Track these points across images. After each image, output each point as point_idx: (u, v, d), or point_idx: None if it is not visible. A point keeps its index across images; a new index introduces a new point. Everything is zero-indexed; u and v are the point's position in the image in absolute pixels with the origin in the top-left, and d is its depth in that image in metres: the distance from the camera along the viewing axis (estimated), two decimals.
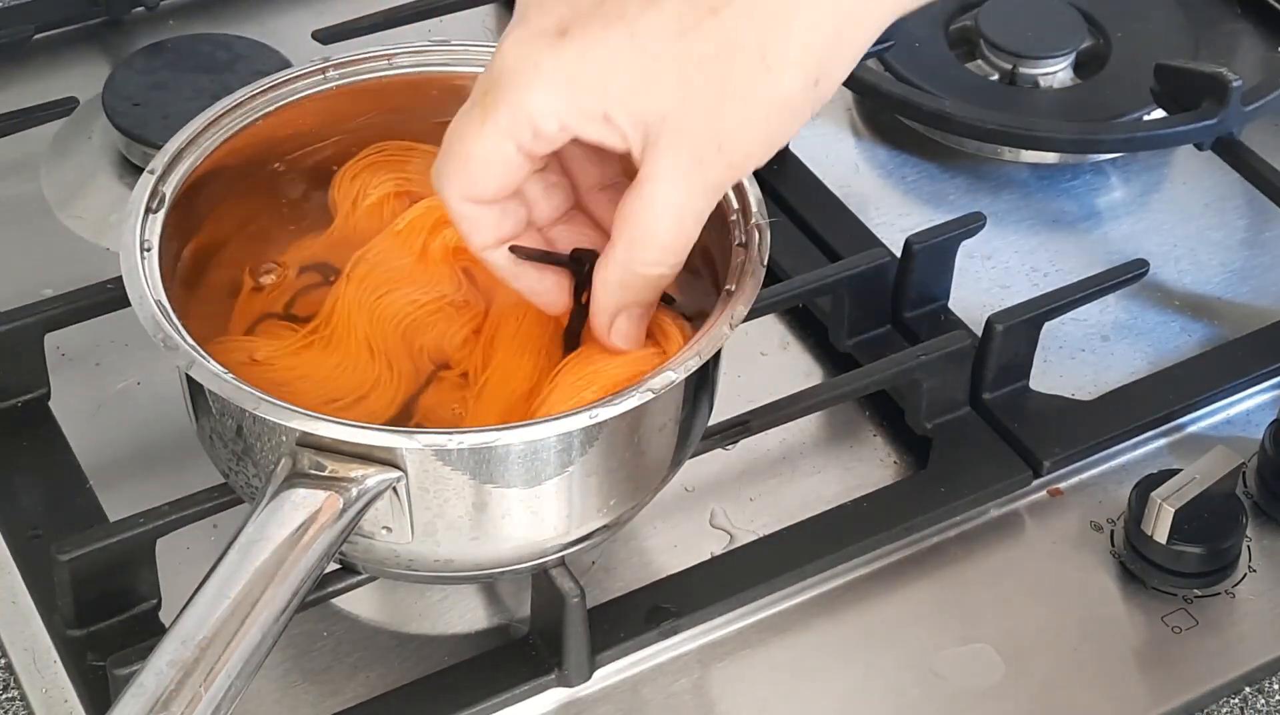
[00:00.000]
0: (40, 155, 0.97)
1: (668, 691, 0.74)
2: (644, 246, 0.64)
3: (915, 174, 0.99)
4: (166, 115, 0.94)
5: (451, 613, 0.77)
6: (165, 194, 0.72)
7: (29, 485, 0.79)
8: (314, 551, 0.63)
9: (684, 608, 0.75)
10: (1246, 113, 0.94)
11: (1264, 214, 0.97)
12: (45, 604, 0.75)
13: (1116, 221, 0.97)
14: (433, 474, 0.65)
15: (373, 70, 0.77)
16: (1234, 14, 1.08)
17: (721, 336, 0.67)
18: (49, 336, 0.82)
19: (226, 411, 0.67)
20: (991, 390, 0.84)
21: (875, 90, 0.97)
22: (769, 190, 0.86)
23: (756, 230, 0.71)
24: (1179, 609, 0.78)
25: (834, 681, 0.75)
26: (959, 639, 0.76)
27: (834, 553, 0.78)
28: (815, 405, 0.82)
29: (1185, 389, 0.86)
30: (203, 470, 0.74)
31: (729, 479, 0.82)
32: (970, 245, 0.89)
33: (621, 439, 0.67)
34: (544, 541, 0.69)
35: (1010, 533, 0.81)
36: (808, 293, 0.86)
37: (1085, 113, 0.99)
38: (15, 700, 0.73)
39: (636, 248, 0.64)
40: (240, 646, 0.60)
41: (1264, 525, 0.81)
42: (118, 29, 1.05)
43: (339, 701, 0.73)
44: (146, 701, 0.58)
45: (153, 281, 0.68)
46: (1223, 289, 0.93)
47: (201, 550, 0.77)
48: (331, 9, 1.05)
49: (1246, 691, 0.76)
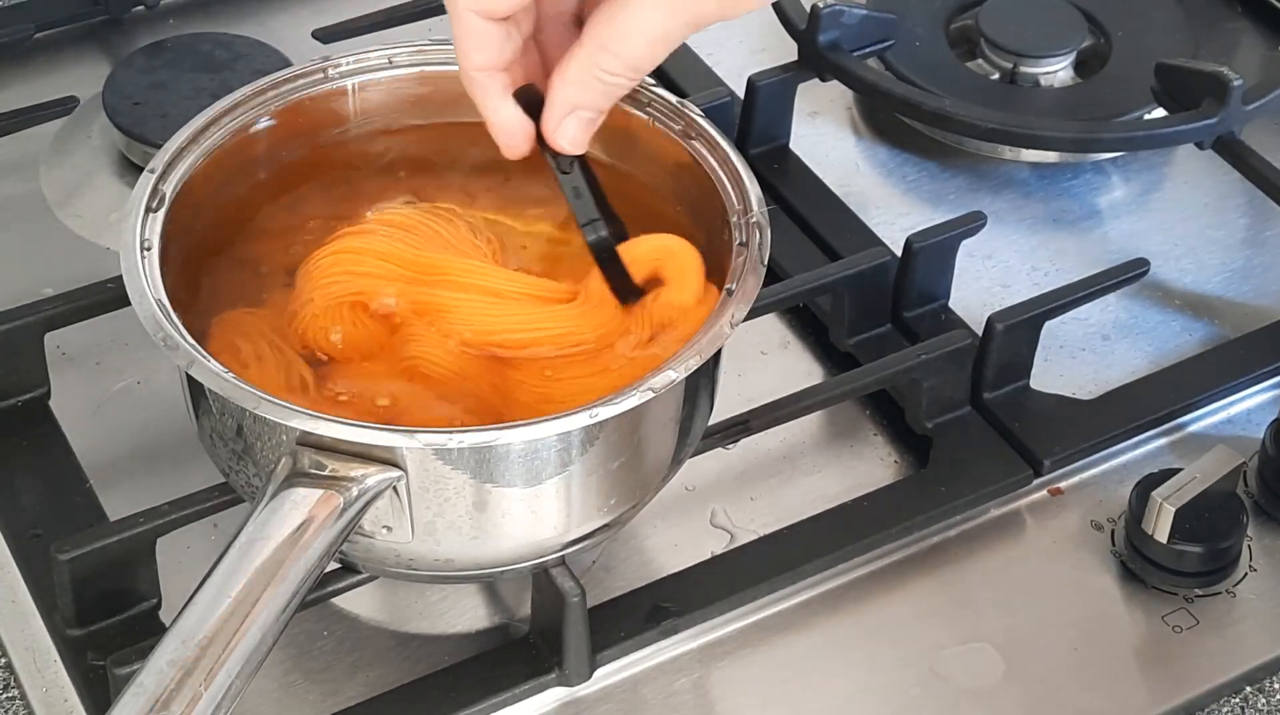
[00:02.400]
0: (40, 155, 0.97)
1: (668, 691, 0.74)
2: (612, 55, 0.65)
3: (916, 173, 0.99)
4: (166, 115, 0.94)
5: (451, 612, 0.77)
6: (165, 193, 0.72)
7: (29, 485, 0.79)
8: (314, 551, 0.63)
9: (684, 607, 0.75)
10: (1247, 112, 0.94)
11: (1264, 213, 0.97)
12: (45, 603, 0.75)
13: (1117, 220, 0.97)
14: (433, 473, 0.65)
15: (373, 69, 0.77)
16: (1234, 13, 1.08)
17: (722, 336, 0.67)
18: (49, 336, 0.82)
19: (227, 411, 0.67)
20: (992, 389, 0.84)
21: (876, 89, 0.97)
22: (769, 189, 0.87)
23: (757, 229, 0.71)
24: (1179, 608, 0.78)
25: (834, 681, 0.75)
26: (959, 639, 0.76)
27: (834, 552, 0.78)
28: (815, 405, 0.82)
29: (1186, 388, 0.86)
30: (203, 470, 0.74)
31: (729, 478, 0.82)
32: (971, 244, 0.89)
33: (622, 438, 0.67)
34: (544, 541, 0.69)
35: (1010, 532, 0.81)
36: (808, 292, 0.86)
37: (1086, 112, 0.98)
38: (15, 700, 0.73)
39: (604, 54, 0.64)
40: (240, 646, 0.60)
41: (1264, 524, 0.81)
42: (118, 28, 1.05)
43: (339, 701, 0.73)
44: (146, 701, 0.58)
45: (153, 281, 0.68)
46: (1223, 288, 0.93)
47: (201, 550, 0.77)
48: (331, 8, 1.05)
49: (1247, 691, 0.76)
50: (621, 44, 0.64)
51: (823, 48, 0.97)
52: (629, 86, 0.67)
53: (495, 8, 0.65)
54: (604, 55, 0.65)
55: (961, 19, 1.04)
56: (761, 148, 0.97)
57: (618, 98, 0.67)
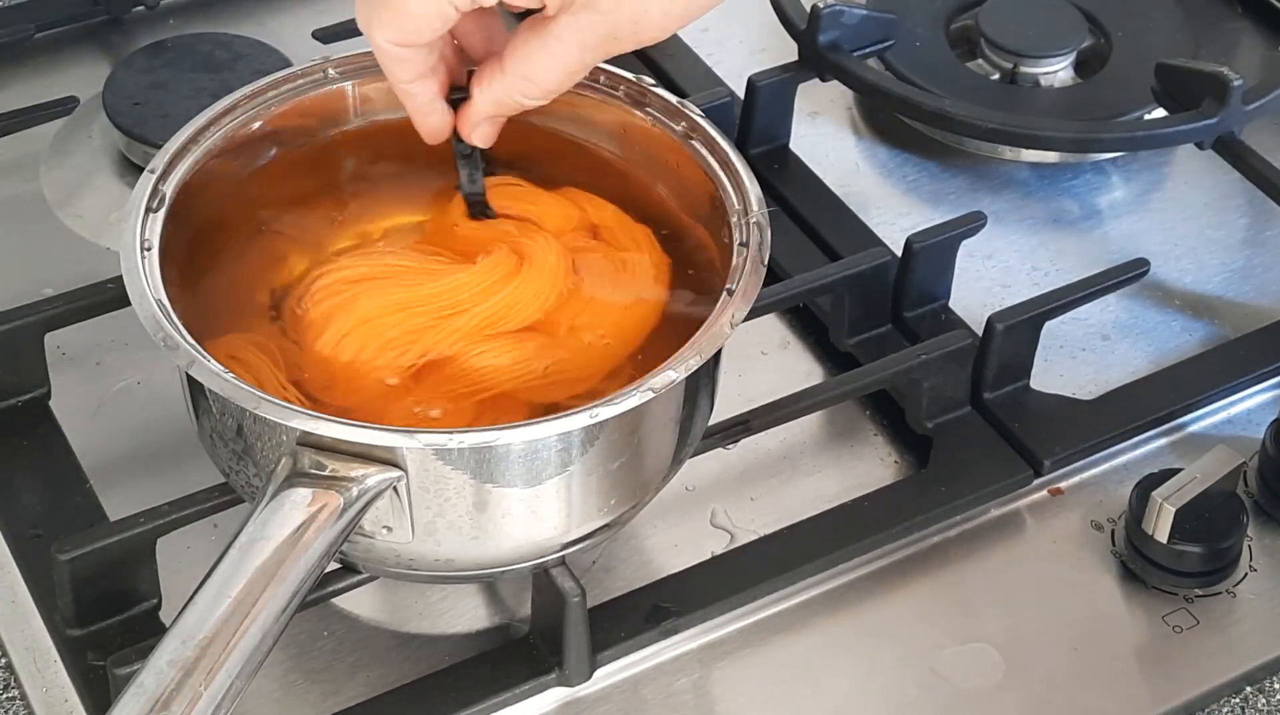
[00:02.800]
0: (40, 155, 0.97)
1: (668, 691, 0.74)
2: (532, 84, 0.71)
3: (916, 173, 0.99)
4: (166, 115, 0.94)
5: (451, 613, 0.77)
6: (165, 194, 0.72)
7: (29, 485, 0.79)
8: (314, 551, 0.63)
9: (684, 607, 0.75)
10: (1247, 112, 0.94)
11: (1264, 213, 0.97)
12: (45, 604, 0.75)
13: (1117, 221, 0.97)
14: (433, 473, 0.65)
15: (372, 69, 0.77)
16: (1234, 13, 1.08)
17: (722, 336, 0.67)
18: (49, 336, 0.82)
19: (227, 411, 0.67)
20: (992, 390, 0.84)
21: (876, 89, 0.97)
22: (769, 189, 0.86)
23: (757, 229, 0.71)
24: (1179, 608, 0.78)
25: (834, 681, 0.75)
26: (959, 639, 0.76)
27: (834, 552, 0.78)
28: (815, 405, 0.82)
29: (1186, 388, 0.86)
30: (203, 470, 0.74)
31: (729, 478, 0.82)
32: (971, 244, 0.89)
33: (622, 438, 0.67)
34: (544, 541, 0.69)
35: (1010, 532, 0.81)
36: (808, 292, 0.86)
37: (1086, 112, 0.98)
38: (15, 700, 0.73)
39: (524, 83, 0.71)
40: (240, 646, 0.60)
41: (1265, 524, 0.81)
42: (118, 28, 1.05)
43: (339, 701, 0.73)
44: (146, 701, 0.58)
45: (153, 281, 0.68)
46: (1223, 288, 0.93)
47: (201, 550, 0.77)
48: (331, 8, 1.05)
49: (1247, 691, 0.76)
50: (541, 77, 0.71)
51: (823, 48, 0.97)
52: (541, 104, 0.73)
53: (412, 41, 0.70)
54: (525, 84, 0.71)
55: (961, 19, 1.04)
56: (761, 148, 0.97)
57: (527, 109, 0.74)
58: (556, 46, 0.69)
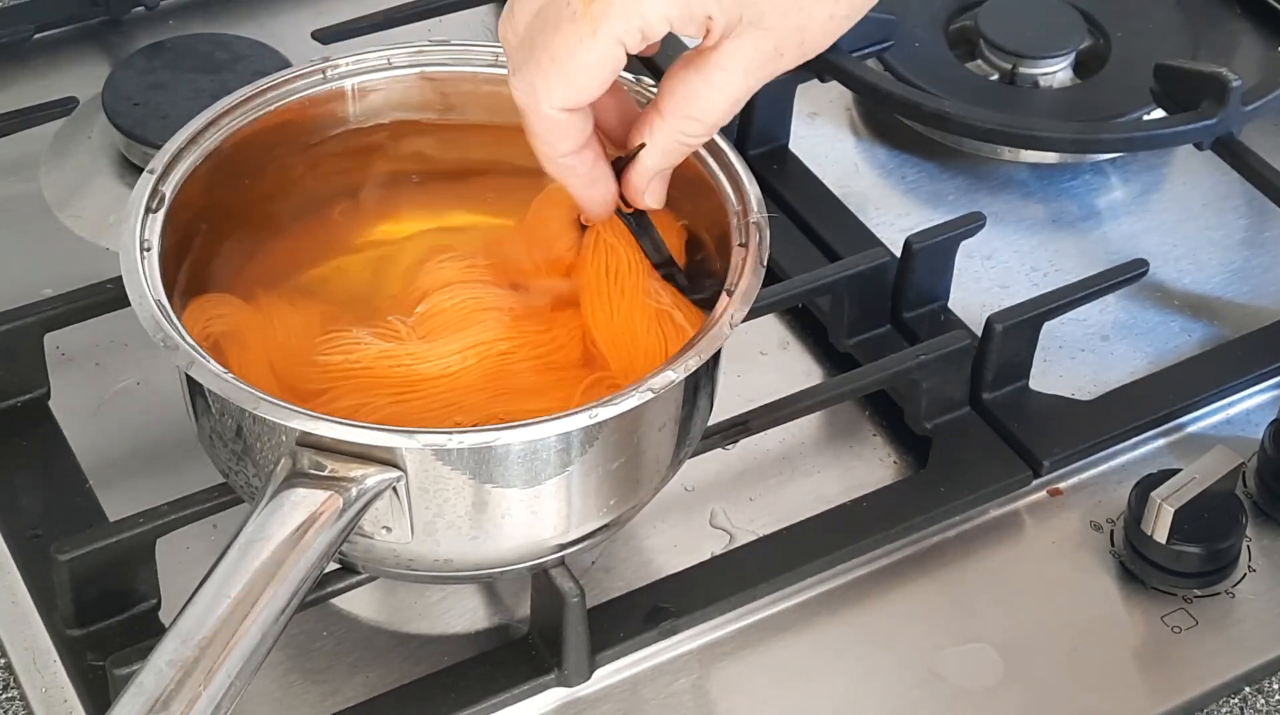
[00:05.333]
0: (40, 155, 0.97)
1: (668, 691, 0.74)
2: (697, 123, 0.67)
3: (915, 174, 0.99)
4: (166, 115, 0.94)
5: (451, 613, 0.77)
6: (165, 194, 0.72)
7: (29, 485, 0.79)
8: (314, 551, 0.63)
9: (684, 608, 0.75)
10: (1246, 112, 0.94)
11: (1264, 214, 0.97)
12: (45, 604, 0.75)
13: (1116, 221, 0.97)
14: (432, 474, 0.65)
15: (373, 70, 0.77)
16: (1234, 14, 1.08)
17: (721, 336, 0.67)
18: (49, 336, 0.82)
19: (226, 411, 0.67)
20: (991, 390, 0.84)
21: (875, 90, 0.97)
22: (769, 190, 0.87)
23: (756, 229, 0.71)
24: (1179, 609, 0.78)
25: (834, 681, 0.75)
26: (959, 639, 0.76)
27: (834, 553, 0.78)
28: (815, 405, 0.82)
29: (1185, 389, 0.86)
30: (203, 470, 0.74)
31: (729, 479, 0.82)
32: (970, 245, 0.89)
33: (621, 438, 0.67)
34: (544, 541, 0.69)
35: (1010, 533, 0.81)
36: (808, 292, 0.86)
37: (1085, 113, 0.99)
38: (15, 700, 0.73)
39: (689, 123, 0.67)
40: (240, 646, 0.60)
41: (1264, 525, 0.81)
42: (118, 29, 1.05)
43: (339, 701, 0.73)
44: (146, 701, 0.58)
45: (153, 281, 0.68)
46: (1222, 289, 0.93)
47: (201, 550, 0.77)
48: (331, 9, 1.05)
49: (1246, 691, 0.76)
50: (705, 113, 0.67)
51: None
52: (704, 142, 0.70)
53: (582, 100, 0.65)
54: (690, 123, 0.67)
55: (961, 19, 1.04)
56: (761, 148, 0.97)
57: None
58: (720, 76, 0.65)
